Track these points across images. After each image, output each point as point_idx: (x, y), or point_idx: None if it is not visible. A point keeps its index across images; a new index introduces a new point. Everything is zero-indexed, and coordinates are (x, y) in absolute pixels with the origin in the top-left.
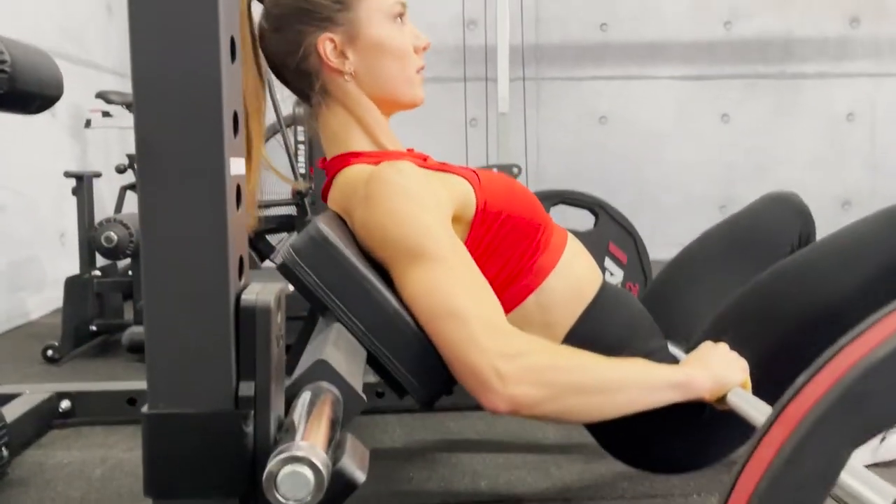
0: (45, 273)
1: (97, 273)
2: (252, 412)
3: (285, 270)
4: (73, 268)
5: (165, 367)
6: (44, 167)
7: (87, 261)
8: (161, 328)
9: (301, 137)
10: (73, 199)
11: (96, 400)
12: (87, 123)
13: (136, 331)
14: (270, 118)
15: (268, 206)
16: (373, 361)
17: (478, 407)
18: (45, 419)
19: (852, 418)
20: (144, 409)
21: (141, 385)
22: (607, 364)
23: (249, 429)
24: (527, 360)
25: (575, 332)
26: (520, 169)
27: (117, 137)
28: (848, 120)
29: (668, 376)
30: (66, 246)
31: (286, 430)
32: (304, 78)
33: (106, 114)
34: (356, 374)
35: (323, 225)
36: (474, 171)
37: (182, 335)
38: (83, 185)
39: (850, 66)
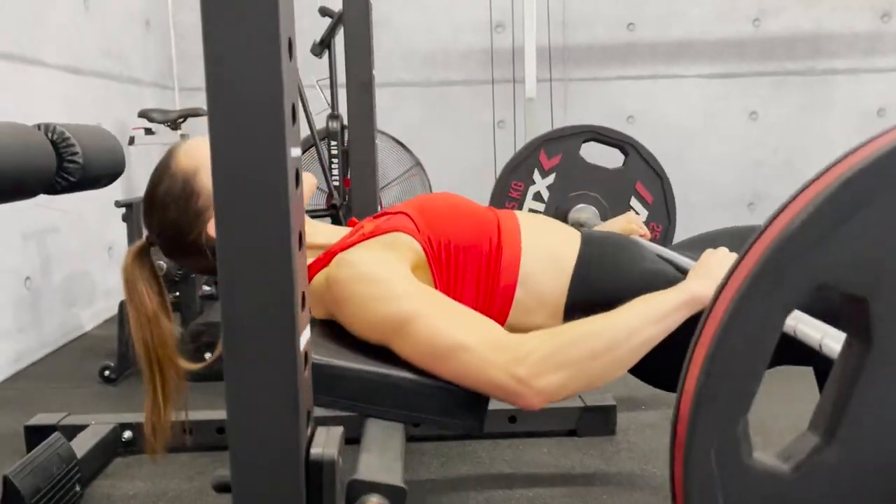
0: (96, 285)
1: None
2: None
3: None
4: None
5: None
6: None
7: None
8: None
9: (335, 151)
10: (118, 211)
11: None
12: (131, 141)
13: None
14: (304, 131)
15: None
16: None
17: (505, 434)
18: (110, 450)
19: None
20: None
21: (198, 415)
22: (609, 319)
23: None
24: (536, 355)
25: (574, 296)
26: None
27: (159, 153)
28: (879, 115)
29: (672, 301)
30: (114, 258)
31: None
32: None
33: (148, 131)
34: (395, 469)
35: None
36: (407, 214)
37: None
38: (132, 212)
39: (881, 62)
